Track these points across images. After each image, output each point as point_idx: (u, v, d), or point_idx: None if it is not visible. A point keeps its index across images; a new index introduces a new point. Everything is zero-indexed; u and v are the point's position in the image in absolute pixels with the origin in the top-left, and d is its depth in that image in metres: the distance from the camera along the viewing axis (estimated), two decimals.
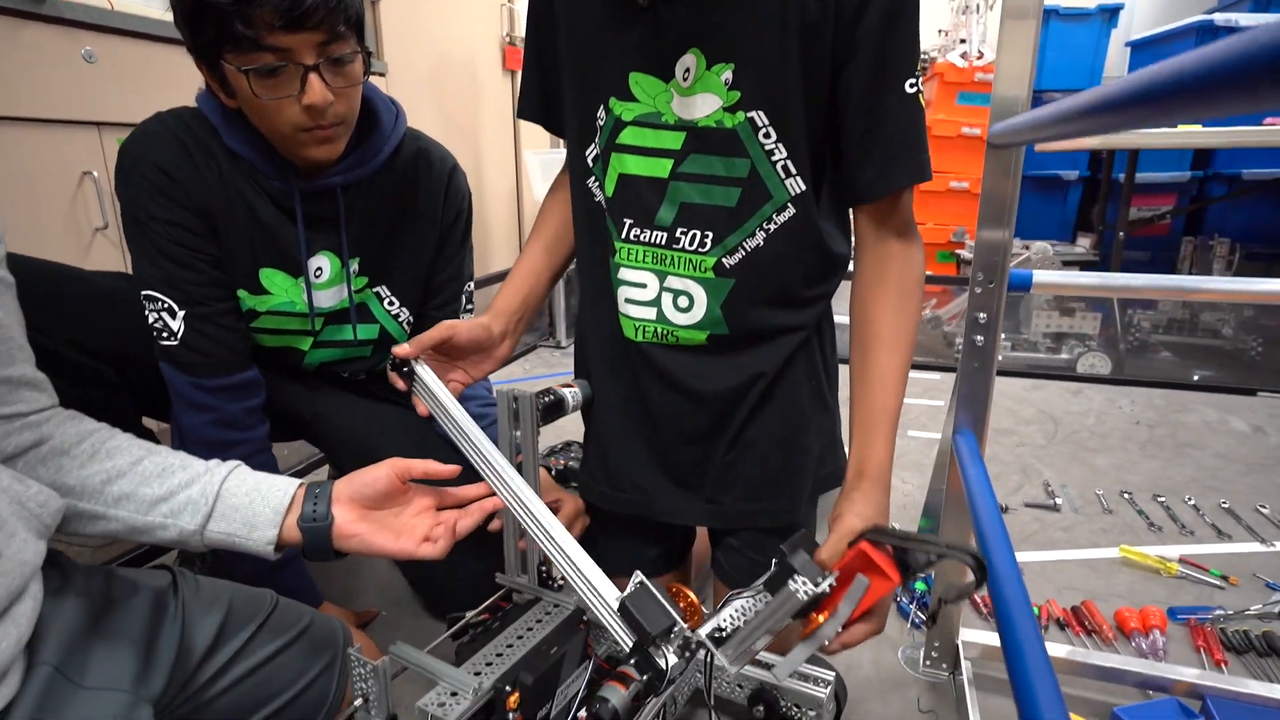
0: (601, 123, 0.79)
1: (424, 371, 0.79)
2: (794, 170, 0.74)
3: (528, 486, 0.73)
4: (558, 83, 0.84)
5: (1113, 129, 0.40)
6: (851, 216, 0.81)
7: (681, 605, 0.62)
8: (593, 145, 0.81)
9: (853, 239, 0.82)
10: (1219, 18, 2.51)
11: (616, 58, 0.76)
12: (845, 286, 0.82)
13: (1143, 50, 3.01)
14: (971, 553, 0.52)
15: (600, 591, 0.65)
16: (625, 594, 0.62)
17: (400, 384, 0.80)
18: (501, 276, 2.97)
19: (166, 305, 0.88)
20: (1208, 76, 0.23)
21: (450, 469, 0.72)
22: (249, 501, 0.65)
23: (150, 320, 0.88)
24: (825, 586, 0.56)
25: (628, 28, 0.75)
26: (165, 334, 0.88)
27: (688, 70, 0.73)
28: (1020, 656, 0.52)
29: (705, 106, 0.73)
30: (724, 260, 0.77)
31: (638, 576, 0.63)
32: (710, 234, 0.76)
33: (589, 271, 0.87)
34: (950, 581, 0.85)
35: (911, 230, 0.76)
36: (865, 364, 0.74)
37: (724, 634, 0.60)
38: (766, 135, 0.73)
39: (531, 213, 3.04)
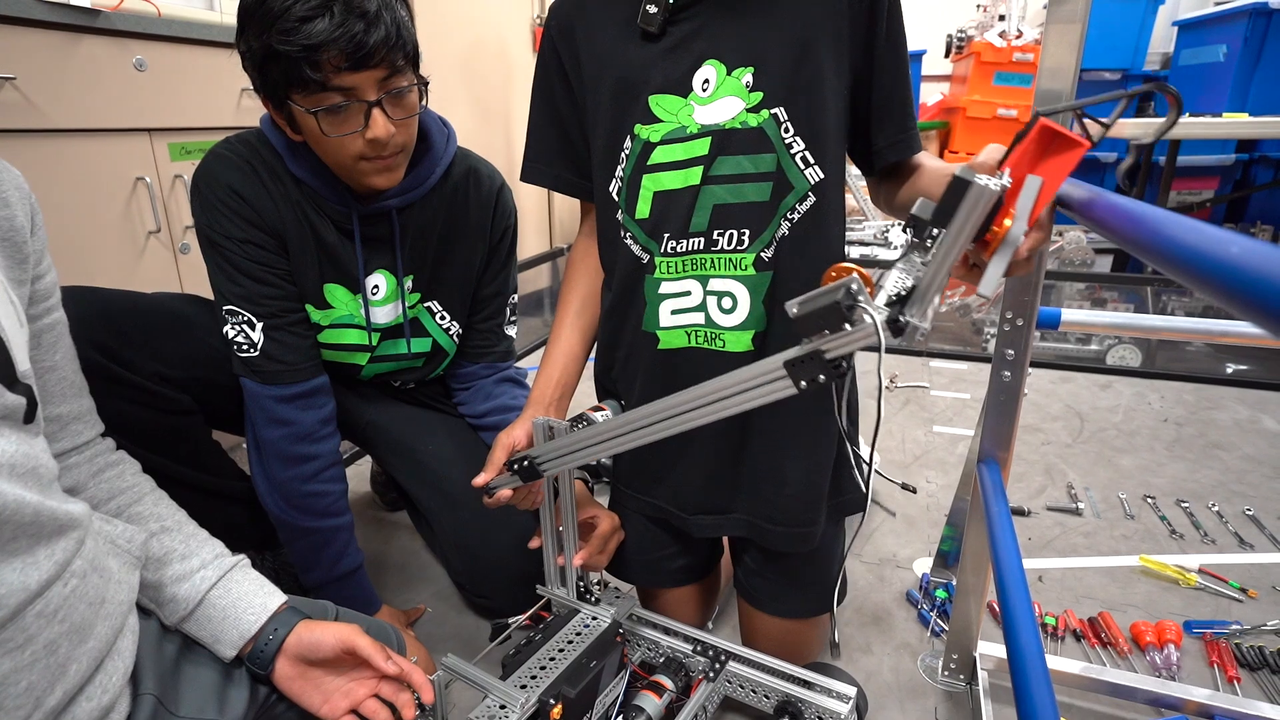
0: (627, 151, 0.82)
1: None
2: (812, 160, 0.78)
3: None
4: (577, 137, 0.89)
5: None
6: (866, 189, 0.89)
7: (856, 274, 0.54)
8: (615, 179, 0.85)
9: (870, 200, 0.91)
10: (1274, 0, 2.42)
11: (637, 87, 0.80)
12: None
13: (1191, 31, 2.91)
14: (1158, 88, 0.51)
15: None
16: (792, 314, 0.56)
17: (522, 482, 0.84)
18: (533, 263, 2.99)
19: (246, 319, 0.94)
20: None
21: (388, 667, 0.70)
22: (223, 618, 0.68)
23: (231, 334, 0.94)
24: (1006, 181, 0.52)
25: (642, 57, 0.79)
26: (246, 346, 0.94)
27: (706, 81, 0.78)
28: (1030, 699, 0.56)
29: (728, 110, 0.78)
30: (762, 254, 0.80)
31: None
32: (747, 231, 0.80)
33: (619, 300, 0.90)
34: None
35: None
36: (915, 181, 0.82)
37: (901, 294, 0.55)
38: (787, 130, 0.77)
39: (561, 199, 3.05)
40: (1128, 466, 1.69)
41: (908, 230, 0.55)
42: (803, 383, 0.57)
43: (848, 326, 0.54)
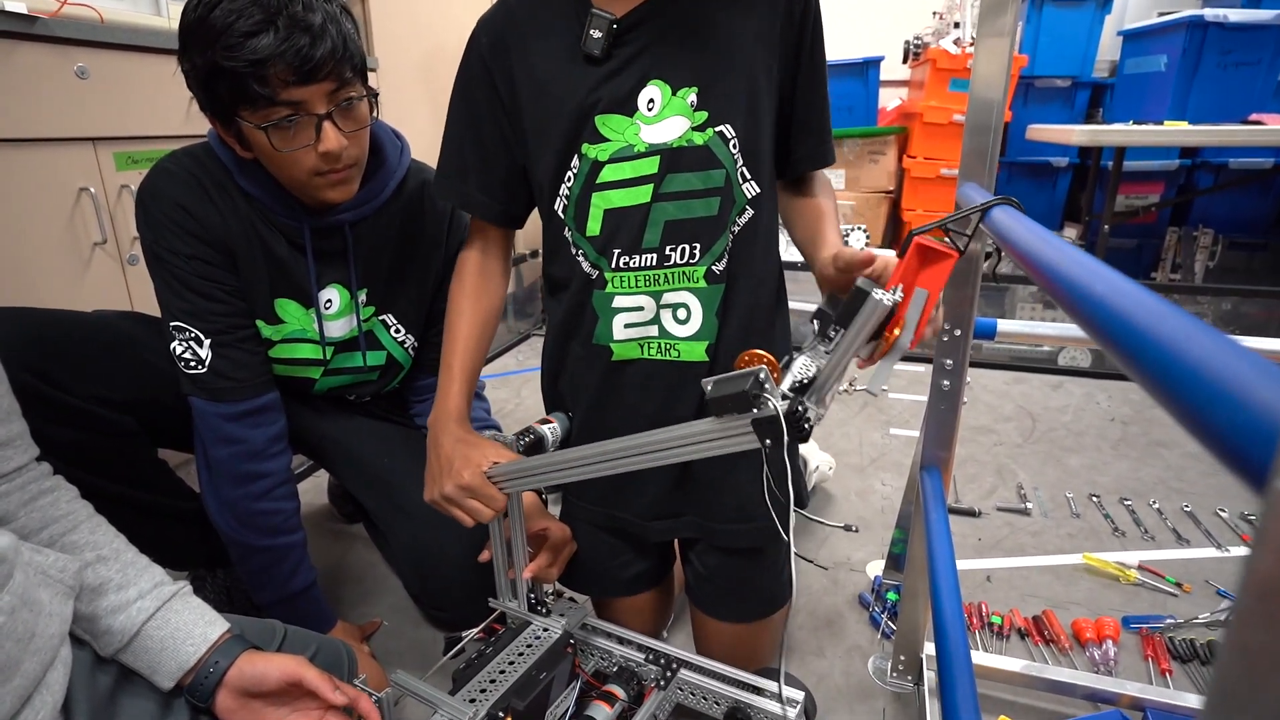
0: (574, 170, 0.83)
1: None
2: (749, 175, 0.81)
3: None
4: (494, 155, 0.87)
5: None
6: (780, 195, 0.93)
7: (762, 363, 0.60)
8: (559, 198, 0.85)
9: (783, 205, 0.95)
10: (1209, 13, 2.51)
11: (583, 108, 0.81)
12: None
13: (1134, 41, 3.00)
14: (1005, 201, 0.61)
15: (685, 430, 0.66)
16: (706, 394, 0.61)
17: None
18: None
19: (194, 335, 0.92)
20: None
21: (335, 698, 0.69)
22: (160, 649, 0.66)
23: (178, 351, 0.92)
24: (898, 296, 0.59)
25: (586, 79, 0.80)
26: (194, 363, 0.92)
27: (652, 101, 0.80)
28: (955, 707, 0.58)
29: (674, 129, 0.79)
30: (713, 267, 0.82)
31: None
32: (698, 245, 0.81)
33: (569, 314, 0.89)
34: None
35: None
36: (818, 217, 0.87)
37: (804, 382, 0.61)
38: (733, 146, 0.80)
39: None
40: (1075, 466, 1.74)
41: (813, 321, 0.62)
42: (767, 440, 0.60)
43: (755, 411, 0.59)
